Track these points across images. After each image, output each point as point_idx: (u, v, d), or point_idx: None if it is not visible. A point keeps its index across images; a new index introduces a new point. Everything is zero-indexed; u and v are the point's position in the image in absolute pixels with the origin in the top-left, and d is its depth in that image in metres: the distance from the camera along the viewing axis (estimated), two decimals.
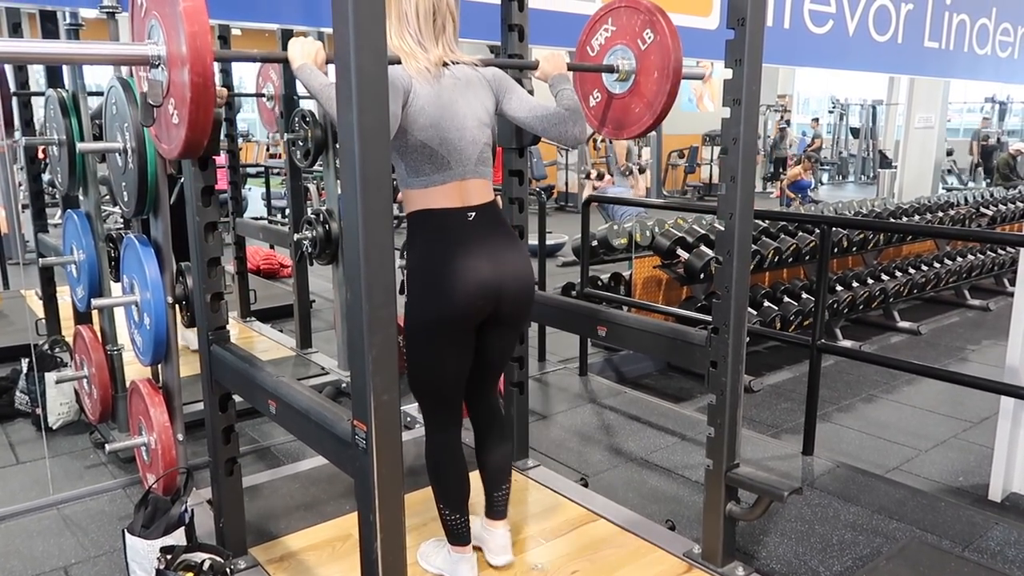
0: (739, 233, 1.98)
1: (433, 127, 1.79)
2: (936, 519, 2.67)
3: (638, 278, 4.50)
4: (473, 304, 1.82)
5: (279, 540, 2.37)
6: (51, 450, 3.25)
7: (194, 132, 1.47)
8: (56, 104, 2.85)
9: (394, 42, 1.80)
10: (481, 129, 1.89)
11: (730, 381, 2.08)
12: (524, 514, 2.57)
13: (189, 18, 1.37)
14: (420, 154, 1.80)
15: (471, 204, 1.86)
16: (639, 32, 2.18)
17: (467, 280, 1.79)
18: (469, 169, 1.86)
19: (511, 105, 1.97)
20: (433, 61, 1.80)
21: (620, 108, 2.30)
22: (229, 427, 2.13)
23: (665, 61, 2.12)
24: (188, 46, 1.38)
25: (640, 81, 2.22)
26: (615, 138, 2.42)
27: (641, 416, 3.68)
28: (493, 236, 1.87)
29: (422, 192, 1.83)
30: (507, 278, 1.86)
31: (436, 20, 1.80)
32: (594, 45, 2.34)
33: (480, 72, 1.94)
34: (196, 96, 1.40)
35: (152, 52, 1.50)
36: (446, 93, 1.82)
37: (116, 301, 2.46)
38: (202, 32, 1.38)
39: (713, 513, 2.19)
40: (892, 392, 4.45)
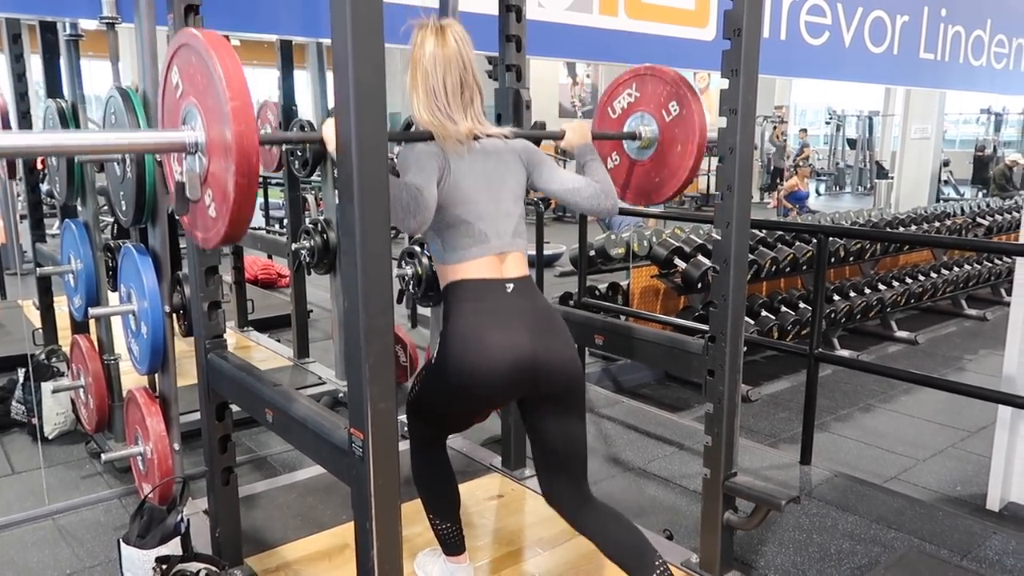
0: (736, 242, 1.99)
1: (470, 202, 1.78)
2: (934, 528, 2.67)
3: (636, 288, 4.51)
4: (507, 380, 1.75)
5: (275, 550, 2.36)
6: (47, 460, 3.24)
7: (235, 228, 1.41)
8: (55, 114, 2.86)
9: (424, 117, 1.77)
10: (516, 202, 1.88)
11: (727, 390, 2.08)
12: (521, 523, 2.56)
13: (237, 118, 1.31)
14: (457, 230, 1.78)
15: (509, 276, 1.82)
16: (664, 102, 2.18)
17: (504, 353, 1.73)
18: (506, 242, 1.83)
19: (542, 178, 1.95)
20: (464, 135, 1.78)
21: (641, 175, 2.31)
22: (226, 436, 2.12)
23: (690, 135, 2.12)
24: (236, 147, 1.31)
25: (663, 151, 2.22)
26: (636, 204, 2.43)
27: (639, 426, 3.67)
28: (532, 310, 1.81)
29: (460, 266, 1.80)
30: (546, 354, 1.77)
31: (464, 93, 1.78)
32: (616, 107, 2.34)
33: (510, 145, 1.91)
34: (240, 196, 1.34)
35: (189, 139, 1.42)
36: (479, 167, 1.81)
37: (114, 310, 2.46)
38: (249, 131, 1.32)
39: (711, 522, 2.18)
40: (889, 401, 4.45)
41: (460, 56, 1.76)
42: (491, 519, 2.59)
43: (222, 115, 1.33)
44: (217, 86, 1.33)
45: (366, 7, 1.26)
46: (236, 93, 1.32)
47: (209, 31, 1.41)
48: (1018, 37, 6.39)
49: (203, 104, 1.40)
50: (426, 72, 1.75)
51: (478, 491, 2.74)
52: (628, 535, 1.87)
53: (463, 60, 1.76)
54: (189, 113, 1.45)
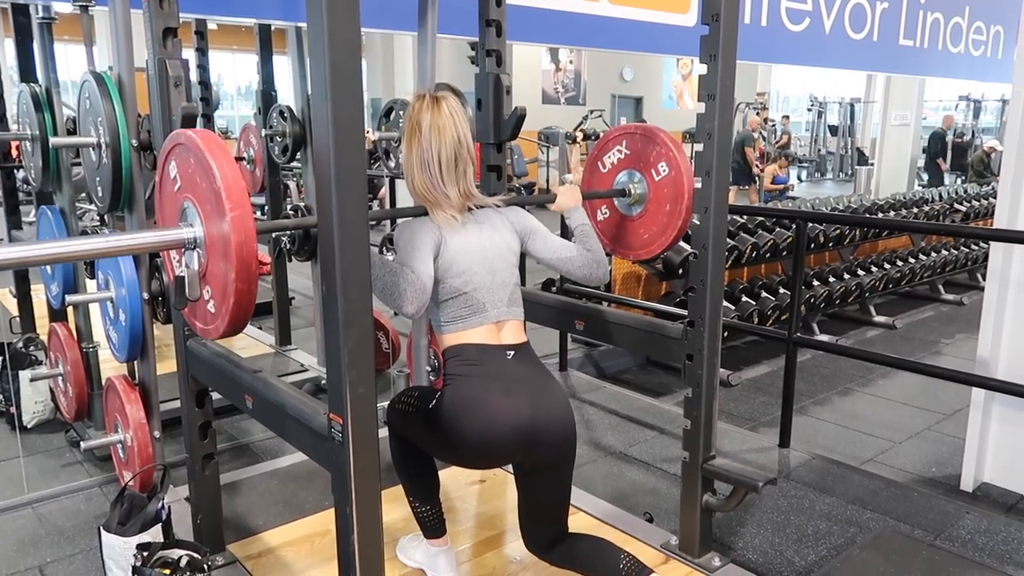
0: (714, 227, 2.01)
1: (465, 273, 1.79)
2: (909, 509, 2.72)
3: (617, 273, 4.52)
4: (505, 446, 1.76)
5: (257, 536, 2.36)
6: (26, 449, 3.22)
7: (234, 326, 1.43)
8: (29, 99, 2.82)
9: (418, 190, 1.80)
10: (510, 270, 1.89)
11: (706, 374, 2.10)
12: (503, 508, 2.58)
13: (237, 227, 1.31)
14: (455, 301, 1.80)
15: (508, 343, 1.84)
16: (654, 163, 2.23)
17: (505, 420, 1.73)
18: (503, 311, 1.85)
19: (535, 247, 1.96)
20: (458, 208, 1.80)
21: (630, 230, 2.37)
22: (206, 423, 2.12)
23: (678, 195, 2.17)
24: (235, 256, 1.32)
25: (651, 209, 2.27)
26: (624, 258, 2.48)
27: (620, 411, 3.70)
28: (533, 377, 1.82)
29: (460, 334, 1.82)
30: (546, 423, 1.78)
31: (458, 166, 1.80)
32: (606, 163, 2.39)
33: (503, 214, 1.93)
34: (240, 299, 1.36)
35: (188, 236, 1.42)
36: (473, 238, 1.82)
37: (91, 297, 2.44)
38: (249, 240, 1.32)
39: (690, 504, 2.21)
40: (867, 385, 4.51)
41: (455, 129, 1.79)
42: (473, 504, 2.61)
43: (222, 223, 1.34)
44: (217, 194, 1.34)
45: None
46: (236, 203, 1.32)
47: (205, 132, 1.42)
48: (996, 24, 6.44)
49: (201, 205, 1.41)
50: (422, 147, 1.79)
51: (460, 476, 2.76)
52: (598, 552, 1.91)
53: (457, 133, 1.79)
54: (187, 210, 1.45)
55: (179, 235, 1.43)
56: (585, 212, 2.09)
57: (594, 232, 2.04)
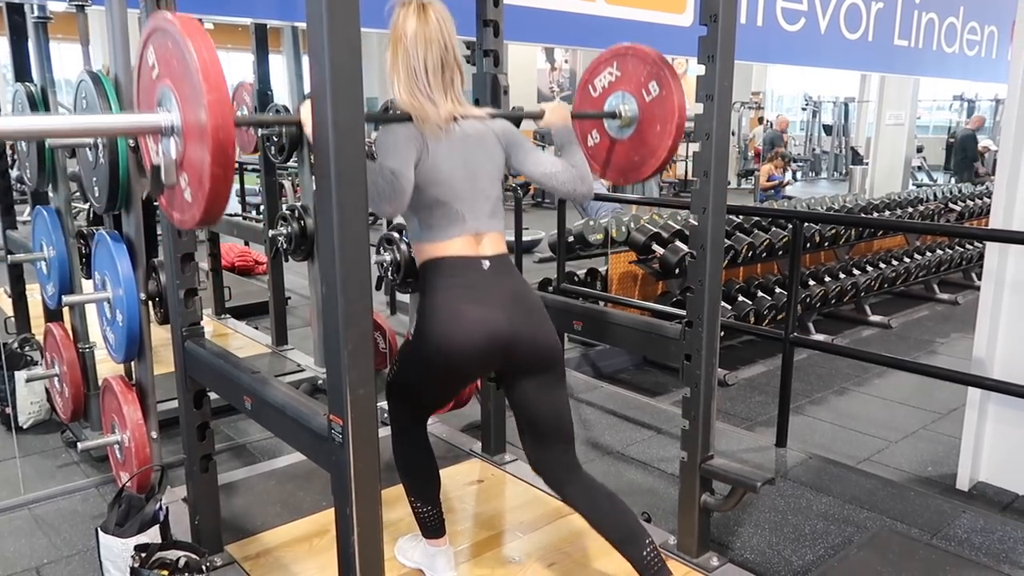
0: (712, 227, 2.01)
1: (447, 183, 1.78)
2: (905, 508, 2.72)
3: (614, 274, 4.53)
4: (480, 354, 1.78)
5: (256, 537, 2.35)
6: (22, 449, 3.21)
7: (209, 214, 1.41)
8: (24, 98, 2.80)
9: (404, 98, 1.76)
10: (492, 184, 1.88)
11: (704, 374, 2.10)
12: (501, 508, 2.58)
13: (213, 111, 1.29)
14: (434, 210, 1.79)
15: (486, 254, 1.84)
16: (644, 82, 2.18)
17: (478, 328, 1.76)
18: (483, 222, 1.84)
19: (520, 160, 1.95)
20: (444, 117, 1.77)
21: (621, 154, 2.31)
22: (204, 424, 2.11)
23: (669, 115, 2.12)
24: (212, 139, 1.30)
25: (642, 130, 2.22)
26: (615, 183, 2.43)
27: (617, 410, 3.70)
28: (508, 286, 1.84)
29: (437, 244, 1.81)
30: (522, 328, 1.81)
31: (445, 74, 1.77)
32: (597, 86, 2.33)
33: (489, 126, 1.91)
34: (215, 185, 1.34)
35: (165, 122, 1.40)
36: (458, 148, 1.81)
37: (88, 298, 2.43)
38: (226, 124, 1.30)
39: (688, 504, 2.21)
40: (863, 385, 4.52)
41: (441, 35, 1.75)
42: (471, 504, 2.61)
43: (198, 106, 1.32)
44: (193, 78, 1.31)
45: None
46: (213, 86, 1.30)
47: (184, 16, 1.38)
48: (990, 24, 6.47)
49: (179, 90, 1.38)
50: (407, 52, 1.74)
51: (458, 476, 2.76)
52: (618, 510, 1.91)
53: (444, 40, 1.76)
54: (165, 96, 1.43)
55: (155, 120, 1.40)
56: (573, 130, 2.06)
57: (581, 150, 2.02)
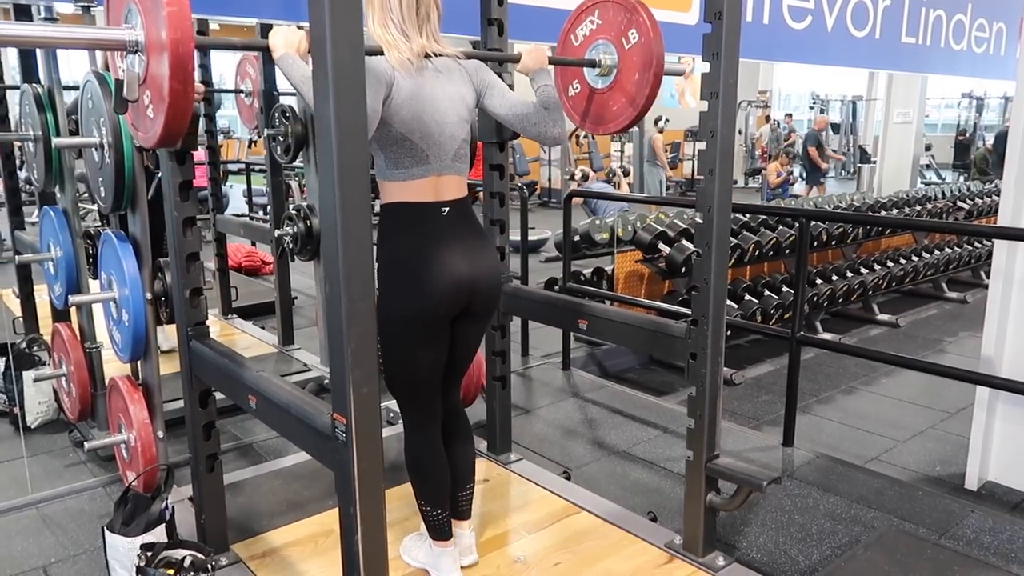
0: (717, 225, 2.00)
1: (414, 120, 1.78)
2: (913, 508, 2.71)
3: (620, 273, 4.52)
4: (448, 298, 1.83)
5: (261, 536, 2.36)
6: (30, 449, 3.22)
7: (170, 128, 1.43)
8: (31, 99, 2.82)
9: (376, 31, 1.77)
10: (460, 124, 1.88)
11: (709, 373, 2.09)
12: (507, 507, 2.58)
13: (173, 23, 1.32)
14: (400, 147, 1.79)
15: (445, 199, 1.86)
16: (624, 30, 2.17)
17: (442, 275, 1.80)
18: (446, 164, 1.85)
19: (491, 101, 1.96)
20: (416, 52, 1.77)
21: (600, 103, 2.30)
22: (210, 423, 2.11)
23: (647, 62, 2.11)
24: (171, 52, 1.32)
25: (622, 78, 2.21)
26: (594, 132, 2.42)
27: (624, 410, 3.70)
28: (466, 232, 1.89)
29: (400, 185, 1.82)
30: (480, 273, 1.88)
31: (420, 9, 1.78)
32: (578, 35, 2.32)
33: (462, 65, 1.92)
34: (174, 100, 1.36)
35: (129, 37, 1.43)
36: (428, 86, 1.80)
37: (94, 298, 2.44)
38: (185, 38, 1.32)
39: (694, 504, 2.20)
40: (871, 384, 4.50)
41: None
42: (476, 503, 2.59)
43: (159, 19, 1.34)
44: None
45: None
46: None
47: None
48: (998, 21, 6.43)
49: (142, 4, 1.40)
50: None
51: None
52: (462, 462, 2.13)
53: None
54: (130, 11, 1.45)
55: (119, 35, 1.43)
56: (550, 72, 2.06)
57: (555, 92, 2.03)
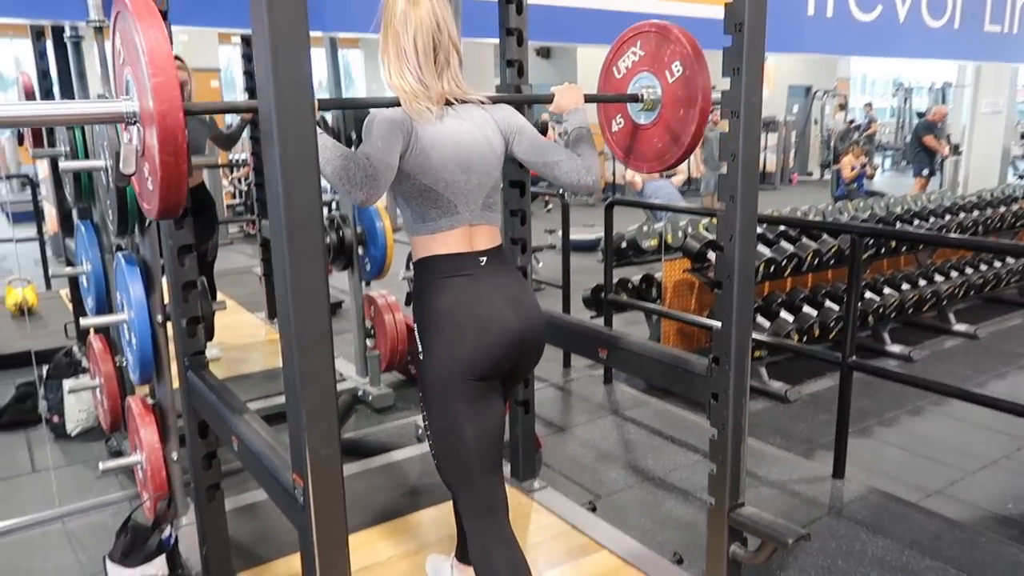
0: (740, 257, 1.82)
1: (437, 171, 1.67)
2: (974, 557, 2.46)
3: (668, 282, 4.32)
4: (499, 352, 1.68)
5: (268, 565, 2.32)
6: (68, 457, 3.29)
7: (167, 205, 1.37)
8: None
9: (393, 81, 1.67)
10: (488, 172, 1.75)
11: (732, 415, 1.92)
12: (523, 541, 2.44)
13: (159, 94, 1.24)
14: (424, 199, 1.68)
15: (481, 249, 1.74)
16: (667, 63, 2.00)
17: (490, 325, 1.67)
18: (476, 214, 1.73)
19: (520, 147, 1.83)
20: (435, 100, 1.67)
21: (645, 139, 2.14)
22: (210, 454, 2.07)
23: (692, 97, 1.94)
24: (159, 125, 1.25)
25: (666, 114, 2.04)
26: (639, 170, 2.26)
27: (664, 430, 3.52)
28: (507, 280, 1.76)
29: (429, 239, 1.71)
30: (528, 323, 1.74)
31: (438, 55, 1.67)
32: (620, 67, 2.16)
33: (488, 111, 1.79)
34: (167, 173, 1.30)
35: (126, 109, 1.37)
36: (450, 133, 1.69)
37: (104, 320, 2.44)
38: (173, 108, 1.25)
39: (716, 555, 2.04)
40: (941, 403, 4.15)
41: (433, 15, 1.65)
42: None
43: (146, 90, 1.28)
44: (141, 60, 1.26)
45: None
46: (159, 69, 1.25)
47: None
48: None
49: (136, 76, 1.34)
50: (396, 33, 1.66)
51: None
52: None
53: (436, 19, 1.66)
54: (129, 83, 1.40)
55: (115, 107, 1.38)
56: (584, 114, 1.91)
57: (591, 137, 1.87)
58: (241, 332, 4.46)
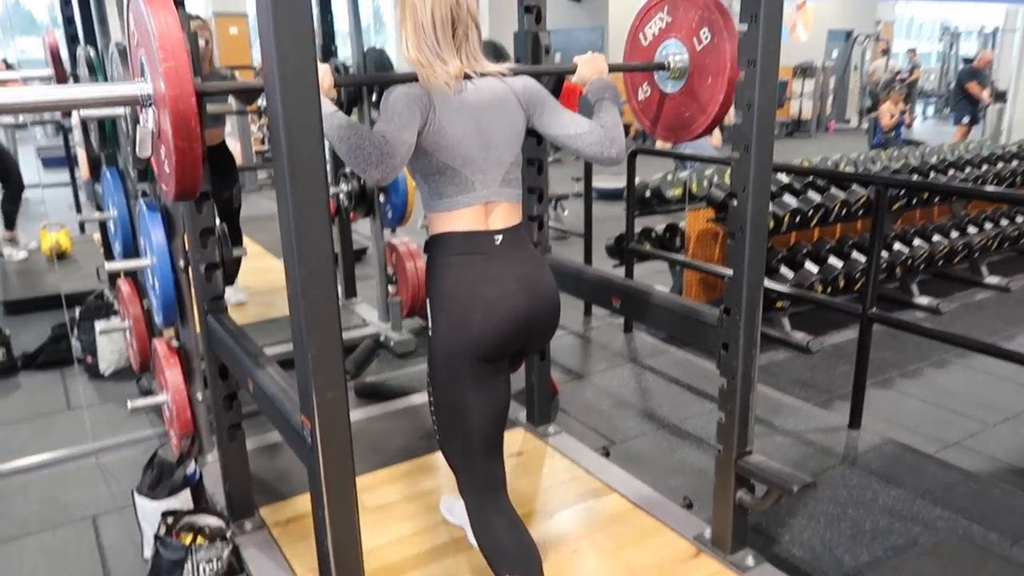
0: (753, 207, 1.81)
1: (455, 147, 1.65)
2: (987, 508, 2.47)
3: (692, 231, 4.28)
4: (505, 335, 1.67)
5: (288, 501, 2.39)
6: (101, 396, 3.41)
7: (183, 187, 1.38)
8: (84, 63, 2.86)
9: (411, 55, 1.64)
10: (507, 148, 1.73)
11: (742, 365, 1.93)
12: (536, 484, 2.52)
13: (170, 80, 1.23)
14: (442, 175, 1.67)
15: (497, 227, 1.71)
16: (696, 29, 1.94)
17: (498, 306, 1.65)
18: (494, 191, 1.71)
19: (542, 121, 1.79)
20: (453, 74, 1.64)
21: (671, 109, 2.09)
22: (230, 395, 2.13)
23: (721, 66, 1.88)
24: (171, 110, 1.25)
25: (692, 84, 1.99)
26: (665, 140, 2.21)
27: (681, 378, 3.54)
28: (522, 260, 1.73)
29: (445, 215, 1.69)
30: (539, 303, 1.72)
31: (457, 29, 1.64)
32: (647, 34, 2.10)
33: (508, 84, 1.75)
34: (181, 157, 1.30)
35: (141, 91, 1.36)
36: (469, 110, 1.67)
37: (127, 265, 2.50)
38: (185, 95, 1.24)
39: (723, 500, 2.07)
40: (967, 356, 4.10)
41: None
42: (507, 477, 2.55)
43: (158, 75, 1.28)
44: (152, 44, 1.26)
45: None
46: (169, 53, 1.25)
47: None
48: None
49: (148, 58, 1.34)
50: (414, 6, 1.63)
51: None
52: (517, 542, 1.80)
53: None
54: (143, 65, 1.40)
55: (131, 89, 1.38)
56: (609, 84, 1.87)
57: (615, 108, 1.83)
58: (268, 277, 4.53)
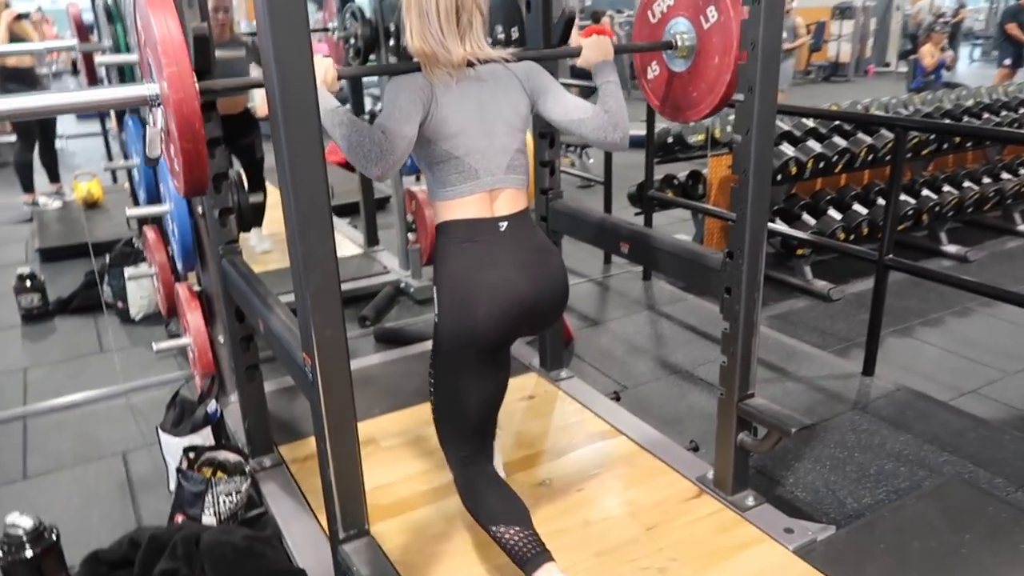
0: (756, 150, 1.79)
1: (458, 135, 1.66)
2: (994, 454, 2.48)
3: (713, 178, 4.24)
4: (507, 322, 1.69)
5: (306, 440, 2.48)
6: (131, 340, 3.54)
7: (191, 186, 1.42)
8: (102, 11, 2.90)
9: (415, 44, 1.64)
10: (512, 135, 1.73)
11: (744, 309, 1.94)
12: (546, 427, 2.58)
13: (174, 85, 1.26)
14: (446, 164, 1.67)
15: (502, 214, 1.72)
16: (703, 7, 1.91)
17: (502, 296, 1.66)
18: (499, 178, 1.71)
19: (546, 106, 1.78)
20: (456, 63, 1.63)
21: (679, 88, 2.07)
22: (247, 337, 2.21)
23: (727, 46, 1.85)
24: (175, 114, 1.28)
25: (700, 63, 1.96)
26: (674, 120, 2.18)
27: (697, 326, 3.56)
28: (527, 247, 1.73)
29: (449, 203, 1.70)
30: (543, 290, 1.73)
31: (461, 17, 1.62)
32: (655, 11, 2.08)
33: (511, 69, 1.75)
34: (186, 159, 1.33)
35: (149, 92, 1.38)
36: (471, 97, 1.67)
37: (147, 211, 2.57)
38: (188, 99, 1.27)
39: (724, 442, 2.11)
40: (990, 305, 4.04)
41: None
42: (518, 420, 2.62)
43: (163, 79, 1.31)
44: (156, 49, 1.29)
45: None
46: (172, 58, 1.27)
47: None
48: None
49: (154, 60, 1.37)
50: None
51: (511, 390, 2.73)
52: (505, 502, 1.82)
53: None
54: (152, 66, 1.42)
55: (139, 91, 1.41)
56: (614, 67, 1.86)
57: (619, 92, 1.82)
58: None
